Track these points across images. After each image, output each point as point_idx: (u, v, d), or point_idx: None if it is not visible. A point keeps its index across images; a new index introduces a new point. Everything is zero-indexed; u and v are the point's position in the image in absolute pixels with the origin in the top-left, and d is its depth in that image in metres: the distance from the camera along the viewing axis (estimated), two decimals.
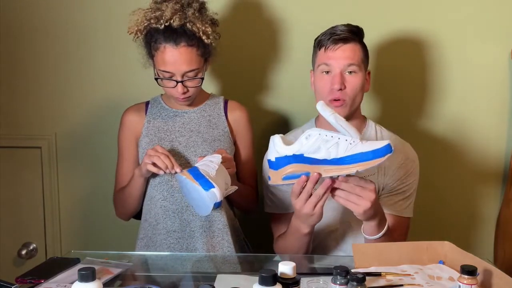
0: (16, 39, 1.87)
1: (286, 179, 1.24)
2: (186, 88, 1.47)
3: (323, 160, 1.20)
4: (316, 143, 1.20)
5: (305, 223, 1.32)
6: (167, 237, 1.53)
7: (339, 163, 1.19)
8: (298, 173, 1.22)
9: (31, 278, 1.18)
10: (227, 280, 1.17)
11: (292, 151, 1.22)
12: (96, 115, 1.90)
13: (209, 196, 1.27)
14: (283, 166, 1.23)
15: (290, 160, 1.22)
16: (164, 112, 1.59)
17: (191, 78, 1.47)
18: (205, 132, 1.56)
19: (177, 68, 1.44)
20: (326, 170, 1.20)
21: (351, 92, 1.44)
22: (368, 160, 1.17)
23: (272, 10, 1.84)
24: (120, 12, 1.62)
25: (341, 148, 1.19)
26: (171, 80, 1.46)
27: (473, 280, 1.03)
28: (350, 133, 1.19)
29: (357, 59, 1.44)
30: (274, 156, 1.25)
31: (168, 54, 1.43)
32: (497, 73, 1.85)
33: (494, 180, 1.92)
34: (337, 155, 1.19)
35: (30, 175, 1.94)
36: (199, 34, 1.44)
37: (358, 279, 1.00)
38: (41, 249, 1.98)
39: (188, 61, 1.44)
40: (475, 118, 1.88)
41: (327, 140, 1.20)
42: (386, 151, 1.17)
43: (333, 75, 1.43)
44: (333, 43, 1.44)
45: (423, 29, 1.83)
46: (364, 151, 1.17)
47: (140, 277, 1.29)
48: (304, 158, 1.21)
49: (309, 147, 1.21)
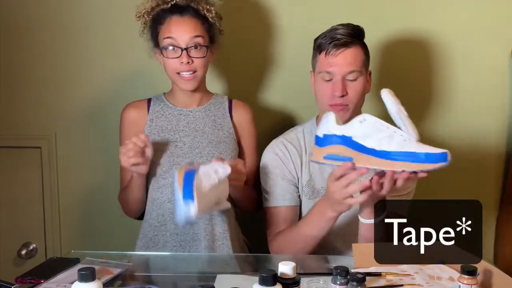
0: (16, 39, 1.87)
1: (328, 158, 1.21)
2: (190, 59, 1.47)
3: (370, 149, 1.16)
4: (368, 129, 1.16)
5: (332, 207, 1.30)
6: (170, 239, 1.52)
7: (386, 157, 1.14)
8: (340, 156, 1.19)
9: (31, 278, 1.18)
10: (227, 280, 1.17)
11: (342, 131, 1.19)
12: (96, 114, 1.90)
13: (184, 208, 1.22)
14: (328, 145, 1.21)
15: (337, 140, 1.20)
16: (167, 110, 1.58)
17: (196, 47, 1.47)
18: (210, 133, 1.56)
19: (181, 35, 1.46)
20: (370, 161, 1.16)
21: (353, 97, 1.43)
22: (419, 162, 1.13)
23: (274, 9, 1.83)
24: (120, 12, 1.63)
25: (394, 142, 1.14)
26: (176, 49, 1.47)
27: (473, 280, 1.03)
28: (408, 130, 1.14)
29: (358, 64, 1.42)
30: (323, 132, 1.22)
31: (174, 23, 1.47)
32: (497, 73, 1.85)
33: (494, 180, 1.92)
34: (387, 148, 1.15)
35: (30, 175, 1.94)
36: (204, 12, 1.49)
37: (358, 279, 1.00)
38: (41, 249, 1.98)
39: (192, 28, 1.47)
40: (475, 118, 1.88)
41: (381, 130, 1.16)
42: (441, 158, 1.13)
43: (334, 82, 1.42)
44: (333, 49, 1.41)
45: (423, 30, 1.83)
46: (417, 151, 1.13)
47: (140, 277, 1.29)
48: (351, 141, 1.18)
49: (360, 132, 1.17)
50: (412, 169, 1.13)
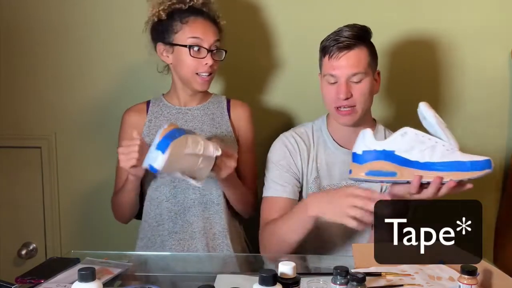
0: (16, 39, 1.87)
1: (370, 174, 1.20)
2: (214, 61, 1.51)
3: (415, 162, 1.17)
4: (410, 142, 1.17)
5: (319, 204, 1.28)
6: (168, 238, 1.53)
7: (432, 168, 1.15)
8: (383, 171, 1.19)
9: (31, 278, 1.18)
10: (227, 280, 1.17)
11: (383, 146, 1.19)
12: (96, 115, 1.90)
13: (152, 155, 1.23)
14: (370, 161, 1.20)
15: (379, 156, 1.19)
16: (166, 110, 1.59)
17: (218, 50, 1.53)
18: (209, 130, 1.56)
19: (207, 36, 1.50)
20: (414, 174, 1.16)
21: (359, 99, 1.42)
22: (465, 170, 1.14)
23: (274, 9, 1.83)
24: (120, 12, 1.63)
25: (437, 153, 1.15)
26: (201, 49, 1.49)
27: (473, 280, 1.03)
28: (449, 140, 1.15)
29: (363, 65, 1.41)
30: (362, 149, 1.21)
31: (199, 24, 1.51)
32: (497, 73, 1.85)
33: (494, 180, 1.92)
34: (431, 159, 1.15)
35: (30, 175, 1.94)
36: (216, 17, 1.54)
37: (358, 279, 1.00)
38: (41, 249, 1.98)
39: (215, 31, 1.52)
40: (475, 118, 1.88)
41: (423, 142, 1.16)
42: (485, 165, 1.14)
43: (339, 84, 1.42)
44: (337, 51, 1.41)
45: (423, 30, 1.83)
46: (462, 160, 1.14)
47: (140, 277, 1.29)
48: (394, 156, 1.18)
49: (403, 145, 1.17)
50: (459, 178, 1.14)
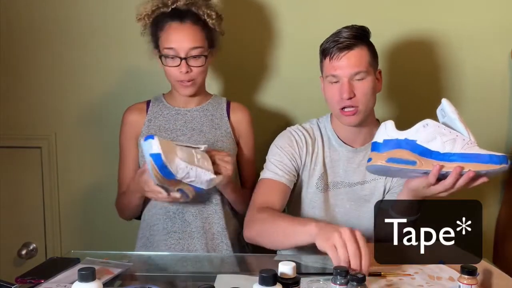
0: (16, 39, 1.87)
1: (390, 161, 1.22)
2: (189, 68, 1.47)
3: (435, 152, 1.20)
4: (432, 133, 1.20)
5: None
6: (167, 237, 1.53)
7: (451, 159, 1.19)
8: (404, 159, 1.21)
9: (31, 278, 1.18)
10: (227, 280, 1.17)
11: (405, 135, 1.22)
12: (96, 115, 1.90)
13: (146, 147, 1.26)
14: (391, 149, 1.23)
15: (400, 144, 1.22)
16: (165, 110, 1.59)
17: (195, 57, 1.47)
18: (208, 131, 1.56)
19: (181, 45, 1.45)
20: (434, 164, 1.20)
21: (362, 98, 1.42)
22: (483, 162, 1.18)
23: (274, 12, 1.83)
24: (119, 12, 1.63)
25: (458, 145, 1.19)
26: (175, 58, 1.46)
27: (473, 280, 1.03)
28: (469, 135, 1.19)
29: (364, 64, 1.42)
30: (383, 138, 1.24)
31: (173, 30, 1.46)
32: (497, 73, 1.85)
33: (494, 180, 1.92)
34: (452, 150, 1.19)
35: (30, 175, 1.94)
36: (204, 17, 1.48)
37: (358, 279, 1.00)
38: (41, 249, 1.98)
39: (192, 37, 1.46)
40: (475, 118, 1.88)
41: (444, 134, 1.20)
42: (503, 160, 1.18)
43: (341, 84, 1.42)
44: (337, 52, 1.41)
45: (422, 30, 1.83)
46: (480, 153, 1.18)
47: (140, 277, 1.29)
48: (416, 145, 1.21)
49: (424, 136, 1.21)
50: (478, 169, 1.18)
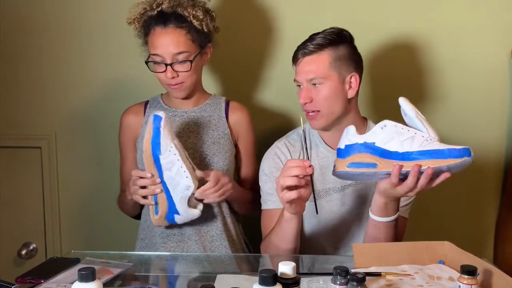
0: (16, 39, 1.87)
1: (352, 166, 1.22)
2: (176, 73, 1.46)
3: (394, 152, 1.19)
4: (389, 134, 1.20)
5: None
6: (167, 240, 1.53)
7: (410, 158, 1.18)
8: (364, 163, 1.21)
9: (31, 278, 1.18)
10: (227, 280, 1.17)
11: (364, 139, 1.22)
12: (96, 115, 1.90)
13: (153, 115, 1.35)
14: (352, 154, 1.23)
15: (360, 148, 1.22)
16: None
17: (181, 62, 1.45)
18: (204, 133, 1.56)
19: (165, 50, 1.44)
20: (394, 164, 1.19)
21: (324, 103, 1.42)
22: (442, 158, 1.16)
23: (273, 9, 1.83)
24: (118, 12, 1.62)
25: (416, 143, 1.18)
26: (161, 64, 1.46)
27: (473, 280, 1.03)
28: (429, 131, 1.18)
29: (321, 70, 1.40)
30: (345, 144, 1.24)
31: (157, 36, 1.45)
32: (497, 73, 1.85)
33: (494, 180, 1.92)
34: (410, 149, 1.18)
35: (30, 175, 1.94)
36: (190, 18, 1.45)
37: (358, 279, 1.00)
38: (41, 249, 1.98)
39: (175, 42, 1.44)
40: (475, 118, 1.88)
41: (402, 133, 1.19)
42: (464, 153, 1.16)
43: (301, 89, 1.44)
44: (300, 57, 1.43)
45: (423, 30, 1.83)
46: (439, 148, 1.16)
47: (140, 277, 1.29)
48: (374, 147, 1.20)
49: (382, 137, 1.20)
50: (437, 165, 1.16)
